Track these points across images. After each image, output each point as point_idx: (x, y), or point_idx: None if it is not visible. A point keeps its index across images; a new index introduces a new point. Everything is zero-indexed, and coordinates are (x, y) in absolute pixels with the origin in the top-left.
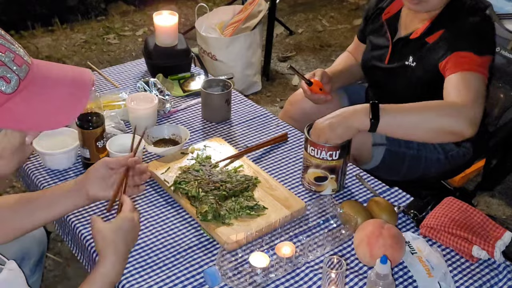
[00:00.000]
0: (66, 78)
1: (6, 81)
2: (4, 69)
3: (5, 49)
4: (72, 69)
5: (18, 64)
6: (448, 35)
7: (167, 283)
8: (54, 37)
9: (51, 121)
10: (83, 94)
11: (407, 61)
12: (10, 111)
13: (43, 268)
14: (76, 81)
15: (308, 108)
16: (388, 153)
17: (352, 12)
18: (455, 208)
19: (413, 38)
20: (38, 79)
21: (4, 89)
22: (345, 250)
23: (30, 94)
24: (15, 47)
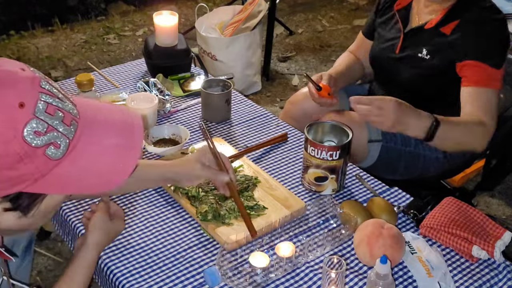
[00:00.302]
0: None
1: (55, 147)
2: (53, 134)
3: (54, 109)
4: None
5: (67, 123)
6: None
7: (167, 283)
8: (54, 37)
9: (101, 182)
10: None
11: (420, 53)
12: (58, 177)
13: (32, 253)
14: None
15: (309, 108)
16: (384, 150)
17: (352, 13)
18: (455, 208)
19: (428, 28)
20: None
21: (54, 156)
22: (345, 250)
23: (78, 154)
24: (63, 102)
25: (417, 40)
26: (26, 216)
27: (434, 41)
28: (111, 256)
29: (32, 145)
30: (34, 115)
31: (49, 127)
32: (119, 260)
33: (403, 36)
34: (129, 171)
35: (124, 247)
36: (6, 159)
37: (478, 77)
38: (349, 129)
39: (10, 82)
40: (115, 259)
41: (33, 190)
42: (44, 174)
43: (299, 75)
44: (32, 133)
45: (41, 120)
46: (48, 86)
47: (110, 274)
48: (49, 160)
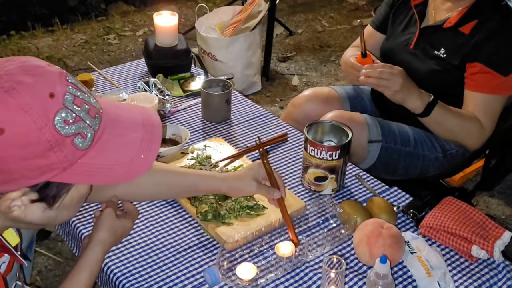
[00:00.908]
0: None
1: (82, 137)
2: (80, 124)
3: (81, 102)
4: (140, 111)
5: (92, 116)
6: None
7: (167, 282)
8: (54, 38)
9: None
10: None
11: (437, 50)
12: (84, 167)
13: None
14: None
15: (311, 110)
16: (384, 150)
17: (351, 13)
18: (455, 207)
19: (447, 27)
20: (109, 128)
21: (81, 146)
22: (345, 249)
23: (103, 145)
24: (88, 97)
25: (435, 38)
26: (51, 208)
27: (453, 40)
28: (111, 256)
29: (62, 133)
30: (63, 105)
31: (77, 117)
32: (119, 260)
33: (419, 32)
34: (150, 163)
35: (124, 247)
36: (38, 146)
37: (486, 83)
38: (349, 129)
39: (41, 74)
40: (115, 258)
41: (61, 180)
42: (72, 163)
43: (299, 75)
44: (62, 122)
45: (70, 111)
46: (74, 80)
47: (111, 273)
48: (77, 150)
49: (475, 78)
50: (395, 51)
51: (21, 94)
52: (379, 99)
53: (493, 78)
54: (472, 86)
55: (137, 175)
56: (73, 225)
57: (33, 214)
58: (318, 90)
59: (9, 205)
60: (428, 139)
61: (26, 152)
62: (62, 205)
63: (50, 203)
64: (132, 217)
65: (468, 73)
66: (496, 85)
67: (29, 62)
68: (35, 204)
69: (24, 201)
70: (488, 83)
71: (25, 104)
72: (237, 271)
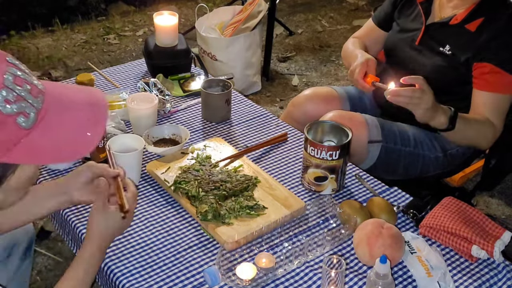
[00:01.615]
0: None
1: (25, 116)
2: (22, 103)
3: (22, 81)
4: (83, 90)
5: (34, 95)
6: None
7: (167, 282)
8: (54, 38)
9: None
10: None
11: (442, 47)
12: (29, 146)
13: (32, 254)
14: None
15: (311, 110)
16: (384, 150)
17: (351, 13)
18: (455, 207)
19: (453, 24)
20: (53, 107)
21: (24, 125)
22: (345, 249)
23: (47, 125)
24: (29, 77)
25: (441, 35)
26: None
27: (459, 37)
28: (111, 256)
29: (4, 113)
30: (3, 84)
31: (18, 97)
32: (119, 260)
33: (425, 29)
34: (95, 143)
35: (124, 247)
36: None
37: (494, 82)
38: (349, 129)
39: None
40: (115, 258)
41: (5, 160)
42: (16, 143)
43: (298, 75)
44: (3, 101)
45: (10, 90)
46: (14, 61)
47: (111, 273)
48: (20, 129)
49: (485, 78)
50: (400, 47)
51: None
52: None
53: (503, 77)
54: (481, 85)
55: (83, 153)
56: (73, 225)
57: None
58: (318, 90)
59: None
60: (428, 139)
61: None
62: (9, 187)
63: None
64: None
65: (477, 72)
66: (505, 84)
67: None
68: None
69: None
70: (498, 83)
71: None
72: (237, 271)
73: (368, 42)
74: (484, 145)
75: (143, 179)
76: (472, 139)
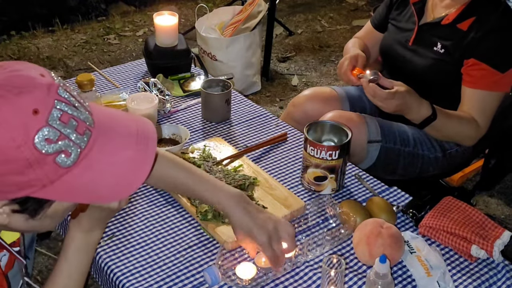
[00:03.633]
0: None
1: (66, 155)
2: (65, 142)
3: (69, 118)
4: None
5: (80, 132)
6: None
7: (167, 282)
8: (54, 38)
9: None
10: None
11: (435, 46)
12: (67, 185)
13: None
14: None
15: (311, 110)
16: (383, 150)
17: (351, 13)
18: (454, 207)
19: (445, 24)
20: (98, 144)
21: (64, 164)
22: (344, 249)
23: (89, 163)
24: (79, 111)
25: (433, 35)
26: (34, 219)
27: (450, 36)
28: (111, 256)
29: (42, 152)
30: (47, 123)
31: (61, 135)
32: (119, 259)
33: (417, 29)
34: (138, 185)
35: (124, 246)
36: (15, 164)
37: (483, 80)
38: (349, 129)
39: (28, 88)
40: (115, 258)
41: (40, 196)
42: (53, 181)
43: (298, 75)
44: (43, 140)
45: (53, 128)
46: (65, 94)
47: (111, 273)
48: (59, 168)
49: (471, 74)
50: (393, 48)
51: (2, 109)
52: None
53: (490, 74)
54: (468, 82)
55: (121, 197)
56: None
57: (16, 223)
58: (318, 90)
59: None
60: (428, 139)
61: (3, 168)
62: (45, 216)
63: (31, 215)
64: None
65: (466, 69)
66: (492, 81)
67: (20, 72)
68: (17, 214)
69: (5, 210)
70: (485, 79)
71: (3, 121)
72: (237, 270)
73: (368, 44)
74: (466, 142)
75: None
76: (451, 136)
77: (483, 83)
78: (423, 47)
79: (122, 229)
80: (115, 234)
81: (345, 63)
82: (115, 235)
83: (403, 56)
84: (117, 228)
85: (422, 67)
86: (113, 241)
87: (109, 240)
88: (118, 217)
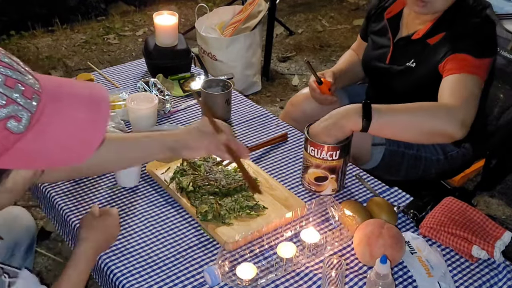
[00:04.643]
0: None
1: (17, 120)
2: (14, 107)
3: (14, 82)
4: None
5: (28, 97)
6: (448, 37)
7: (167, 282)
8: (54, 38)
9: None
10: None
11: (408, 62)
12: (22, 151)
13: (33, 254)
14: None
15: (309, 109)
16: (387, 153)
17: (352, 13)
18: (455, 208)
19: (415, 39)
20: (49, 108)
21: (16, 129)
22: (345, 250)
23: (42, 128)
24: (24, 76)
25: (406, 50)
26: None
27: (420, 51)
28: (111, 256)
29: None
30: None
31: (9, 100)
32: (119, 260)
33: (393, 46)
34: (96, 145)
35: (124, 247)
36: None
37: (454, 66)
38: None
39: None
40: (115, 259)
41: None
42: (7, 148)
43: (299, 75)
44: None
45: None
46: (7, 60)
47: (110, 274)
48: (11, 134)
49: (446, 67)
50: (373, 64)
51: None
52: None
53: (463, 59)
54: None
55: (82, 159)
56: (73, 225)
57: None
58: None
59: None
60: None
61: None
62: (4, 189)
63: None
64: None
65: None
66: (466, 65)
67: None
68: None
69: None
70: (458, 65)
71: None
72: (237, 271)
73: (360, 54)
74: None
75: (143, 179)
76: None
77: (454, 69)
78: (399, 64)
79: (122, 229)
80: None
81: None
82: None
83: (382, 74)
84: None
85: (401, 84)
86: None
87: None
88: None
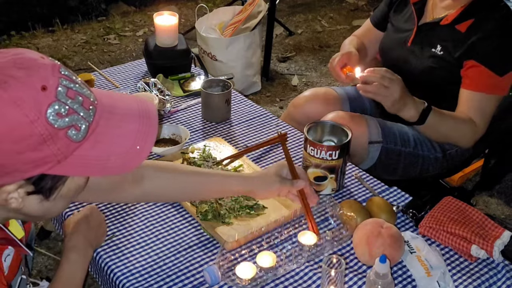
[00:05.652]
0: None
1: (76, 129)
2: (74, 116)
3: (74, 94)
4: (136, 101)
5: (86, 107)
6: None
7: (167, 282)
8: (55, 38)
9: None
10: (149, 131)
11: (434, 48)
12: (79, 159)
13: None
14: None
15: (311, 111)
16: (384, 151)
17: (351, 13)
18: (454, 207)
19: (444, 24)
20: (104, 119)
21: (75, 138)
22: (345, 249)
23: (98, 137)
24: (82, 88)
25: (432, 35)
26: (48, 200)
27: (449, 37)
28: (111, 255)
29: (55, 126)
30: (56, 98)
31: (70, 110)
32: (119, 259)
33: (417, 29)
34: (146, 155)
35: (124, 246)
36: (30, 140)
37: (480, 82)
38: (349, 129)
39: (33, 68)
40: (115, 258)
41: (55, 172)
42: (66, 156)
43: (298, 75)
44: (55, 114)
45: (62, 103)
46: (67, 73)
47: (111, 273)
48: (71, 142)
49: (470, 76)
50: (392, 48)
51: (13, 87)
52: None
53: (488, 77)
54: (466, 84)
55: (132, 167)
56: None
57: (30, 206)
58: (318, 90)
59: (6, 197)
60: (428, 140)
61: (19, 146)
62: (59, 197)
63: (46, 195)
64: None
65: (465, 71)
66: (490, 84)
67: (22, 55)
68: (31, 196)
69: (20, 193)
70: (483, 82)
71: (17, 98)
72: (237, 270)
73: (366, 42)
74: (463, 143)
75: None
76: (448, 136)
77: (481, 86)
78: (422, 47)
79: (122, 229)
80: (115, 234)
81: (336, 59)
82: (115, 235)
83: (401, 57)
84: (117, 228)
85: (420, 68)
86: (113, 241)
87: (109, 240)
88: (118, 217)
